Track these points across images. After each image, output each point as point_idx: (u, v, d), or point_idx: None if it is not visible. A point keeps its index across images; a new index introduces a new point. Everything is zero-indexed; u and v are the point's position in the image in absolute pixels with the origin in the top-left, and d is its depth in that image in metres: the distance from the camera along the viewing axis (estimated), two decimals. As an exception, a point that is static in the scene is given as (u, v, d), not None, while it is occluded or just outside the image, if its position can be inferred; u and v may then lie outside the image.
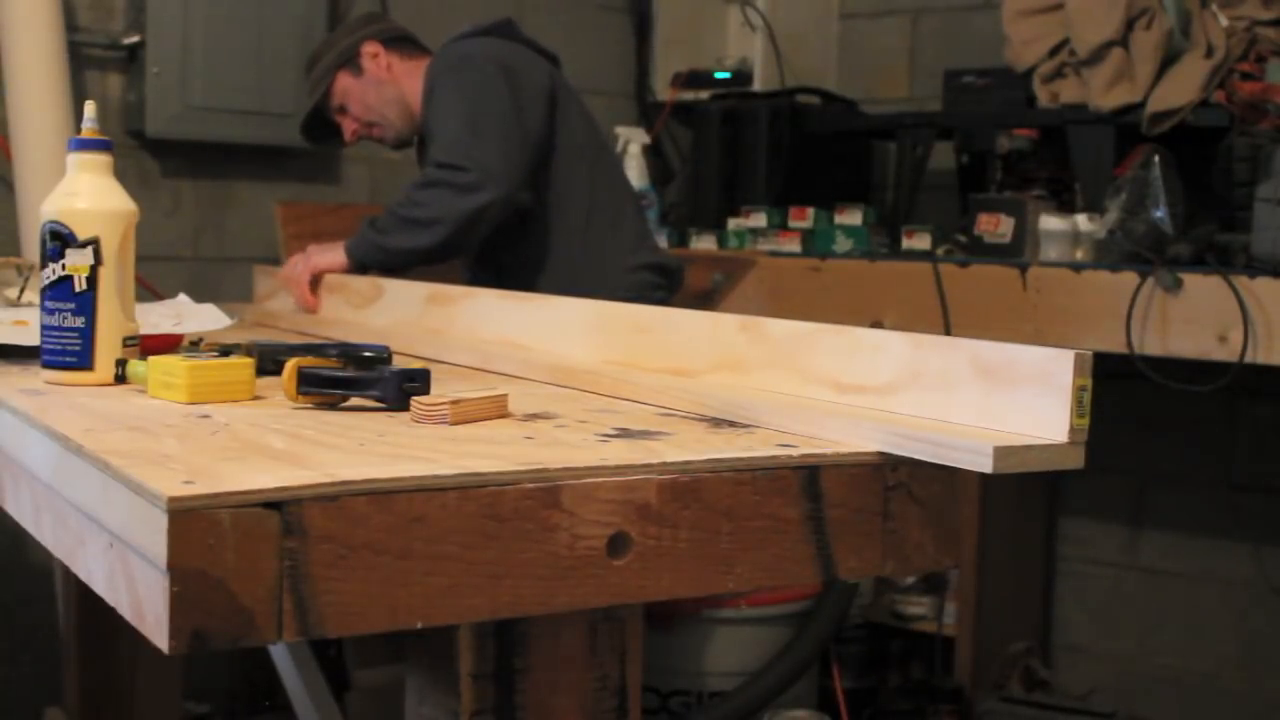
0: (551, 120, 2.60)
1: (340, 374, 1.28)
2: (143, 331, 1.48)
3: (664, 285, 2.66)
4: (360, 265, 2.49)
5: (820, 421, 1.16)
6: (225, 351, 1.42)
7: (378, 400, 1.27)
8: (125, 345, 1.43)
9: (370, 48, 2.69)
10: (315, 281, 2.52)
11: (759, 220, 3.38)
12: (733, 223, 3.44)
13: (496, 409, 1.24)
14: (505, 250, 2.61)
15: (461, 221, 2.43)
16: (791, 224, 3.33)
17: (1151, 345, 2.59)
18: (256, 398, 1.33)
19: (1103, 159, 2.92)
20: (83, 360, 1.41)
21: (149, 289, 2.79)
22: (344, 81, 2.70)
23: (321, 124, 2.77)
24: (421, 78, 2.63)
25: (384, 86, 2.70)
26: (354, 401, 1.28)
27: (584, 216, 2.63)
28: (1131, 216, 2.67)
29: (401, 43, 2.74)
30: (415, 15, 3.39)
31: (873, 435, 1.11)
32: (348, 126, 2.74)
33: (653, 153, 3.71)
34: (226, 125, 3.10)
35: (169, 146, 3.10)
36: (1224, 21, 2.87)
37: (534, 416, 1.25)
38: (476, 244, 2.52)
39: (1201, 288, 2.54)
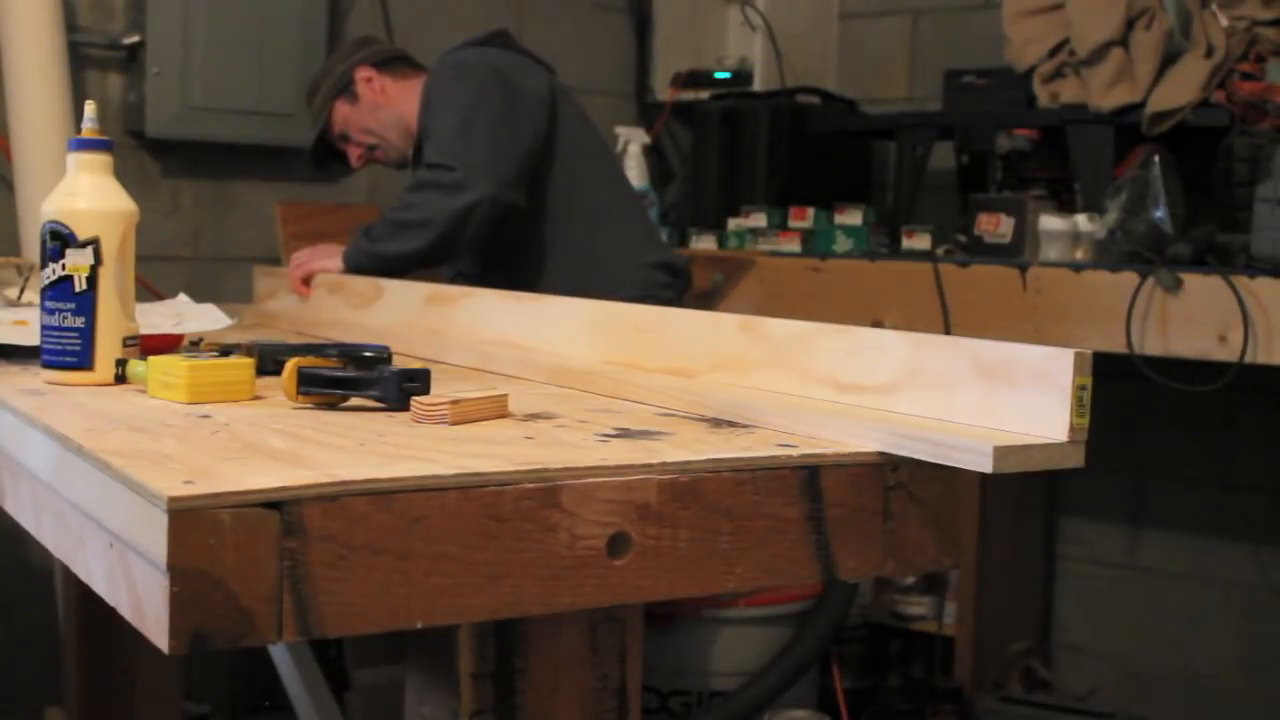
0: (551, 124, 2.60)
1: (340, 374, 1.28)
2: (143, 331, 1.48)
3: (673, 284, 2.66)
4: (357, 272, 2.50)
5: (820, 421, 1.16)
6: (225, 351, 1.42)
7: (378, 400, 1.27)
8: (125, 345, 1.43)
9: (363, 73, 2.72)
10: (307, 279, 2.55)
11: (759, 220, 3.38)
12: (733, 223, 3.44)
13: (496, 409, 1.24)
14: (512, 253, 2.62)
15: (451, 221, 2.44)
16: (791, 224, 3.33)
17: (1151, 345, 2.59)
18: (256, 398, 1.33)
19: (1103, 159, 2.92)
20: (83, 360, 1.41)
21: (149, 289, 2.79)
22: (342, 110, 2.73)
23: (327, 152, 2.80)
24: (416, 94, 2.65)
25: (381, 110, 2.72)
26: (354, 401, 1.28)
27: (590, 217, 2.64)
28: (1131, 216, 2.67)
29: (394, 63, 2.76)
30: (415, 24, 3.39)
31: (873, 435, 1.11)
32: (352, 153, 2.78)
33: (653, 153, 3.71)
34: (226, 125, 3.10)
35: (169, 146, 3.10)
36: (1224, 21, 2.87)
37: (534, 416, 1.25)
38: (469, 245, 2.52)
39: (1201, 288, 2.54)
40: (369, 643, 2.86)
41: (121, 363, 1.41)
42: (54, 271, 1.41)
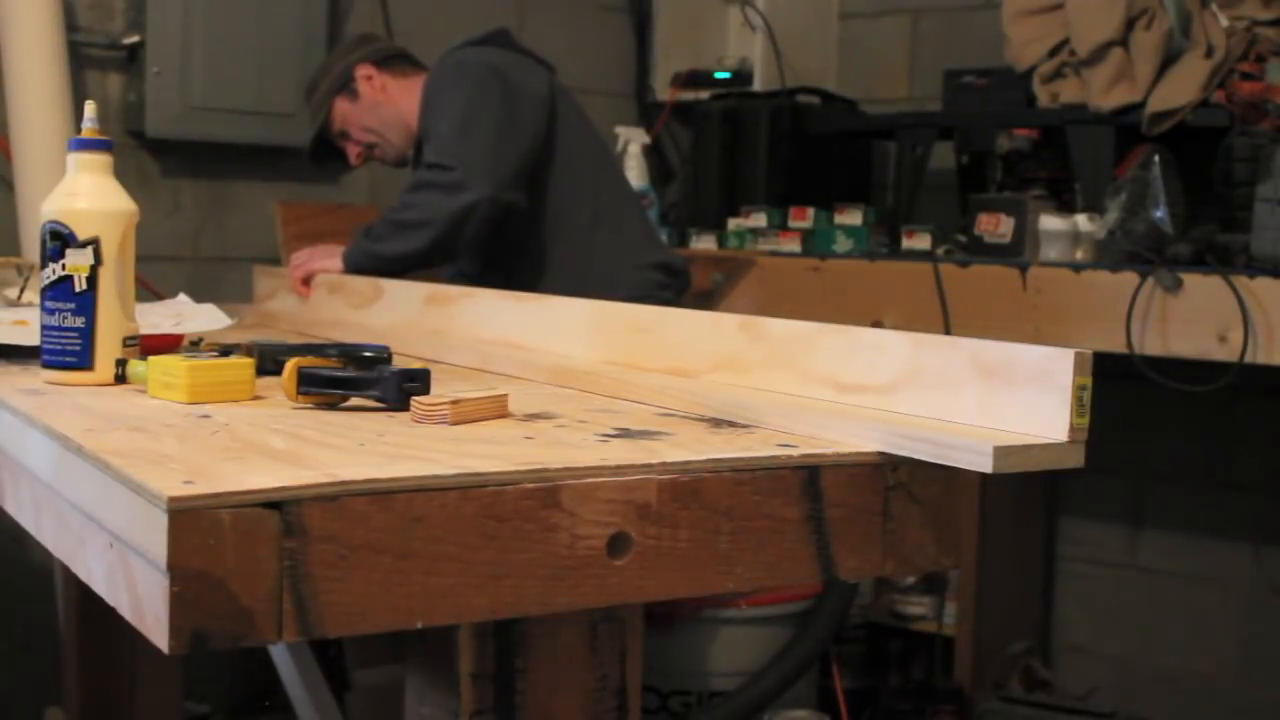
0: (550, 124, 2.60)
1: (340, 374, 1.28)
2: (143, 331, 1.48)
3: (671, 285, 2.66)
4: (357, 273, 2.49)
5: (820, 421, 1.16)
6: (225, 351, 1.42)
7: (378, 400, 1.27)
8: (125, 345, 1.43)
9: (364, 70, 2.71)
10: (307, 280, 2.55)
11: (759, 220, 3.38)
12: (733, 223, 3.44)
13: (496, 409, 1.24)
14: (512, 255, 2.61)
15: (450, 221, 2.43)
16: (791, 224, 3.33)
17: (1151, 345, 2.59)
18: (256, 398, 1.33)
19: (1103, 159, 2.92)
20: (83, 360, 1.41)
21: (149, 289, 2.79)
22: (342, 107, 2.72)
23: (326, 149, 2.79)
24: (417, 93, 2.65)
25: (381, 108, 2.71)
26: (354, 401, 1.28)
27: (589, 218, 2.64)
28: (1131, 216, 2.67)
29: (395, 61, 2.75)
30: (416, 25, 3.39)
31: (873, 435, 1.11)
32: (351, 150, 2.77)
33: (653, 153, 3.71)
34: (226, 125, 3.10)
35: (169, 146, 3.10)
36: (1224, 21, 2.87)
37: (534, 416, 1.25)
38: (469, 245, 2.52)
39: (1201, 288, 2.54)
40: (369, 643, 2.86)
41: (121, 363, 1.41)
42: (54, 271, 1.41)
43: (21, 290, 1.95)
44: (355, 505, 0.91)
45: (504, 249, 2.60)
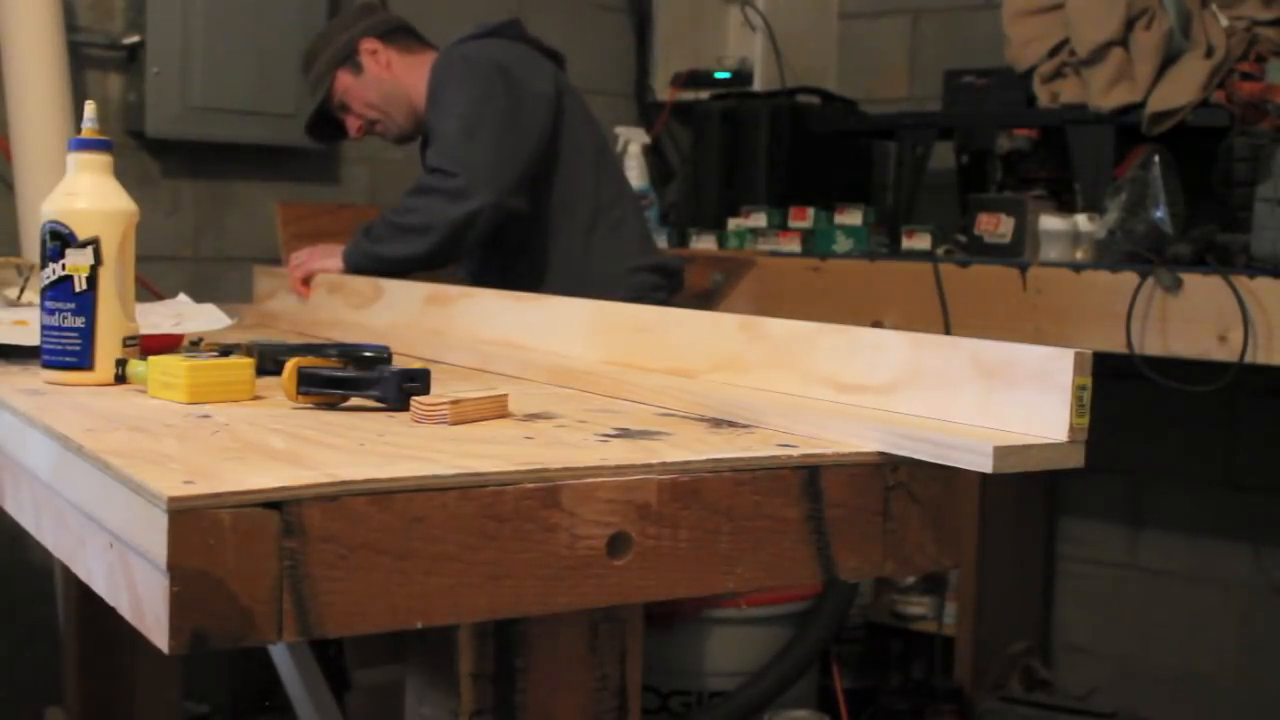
0: (555, 125, 2.58)
1: (340, 374, 1.28)
2: (143, 331, 1.48)
3: (665, 286, 2.65)
4: (357, 273, 2.49)
5: (820, 421, 1.16)
6: (225, 351, 1.42)
7: (378, 400, 1.27)
8: (125, 345, 1.43)
9: (369, 44, 2.66)
10: (307, 279, 2.54)
11: (759, 220, 3.38)
12: (733, 223, 3.44)
13: (496, 409, 1.24)
14: (510, 254, 2.60)
15: (452, 228, 2.42)
16: (791, 224, 3.33)
17: (1151, 345, 2.59)
18: (256, 398, 1.33)
19: (1103, 159, 2.93)
20: (83, 360, 1.41)
21: (149, 289, 2.79)
22: (344, 81, 2.67)
23: (325, 122, 2.76)
24: (423, 72, 2.61)
25: (385, 84, 2.67)
26: (354, 401, 1.28)
27: (589, 219, 2.62)
28: (1131, 216, 2.67)
29: (399, 35, 2.70)
30: (416, 16, 3.38)
31: (873, 435, 1.11)
32: (352, 123, 2.72)
33: (653, 153, 3.71)
34: (226, 125, 3.10)
35: (169, 146, 3.09)
36: (1224, 21, 2.87)
37: (534, 416, 1.25)
38: (470, 250, 2.51)
39: (1201, 288, 2.54)
40: (369, 643, 2.86)
41: (121, 363, 1.41)
42: (54, 271, 1.41)
43: (21, 290, 1.95)
44: (355, 505, 0.91)
45: (504, 248, 2.59)
